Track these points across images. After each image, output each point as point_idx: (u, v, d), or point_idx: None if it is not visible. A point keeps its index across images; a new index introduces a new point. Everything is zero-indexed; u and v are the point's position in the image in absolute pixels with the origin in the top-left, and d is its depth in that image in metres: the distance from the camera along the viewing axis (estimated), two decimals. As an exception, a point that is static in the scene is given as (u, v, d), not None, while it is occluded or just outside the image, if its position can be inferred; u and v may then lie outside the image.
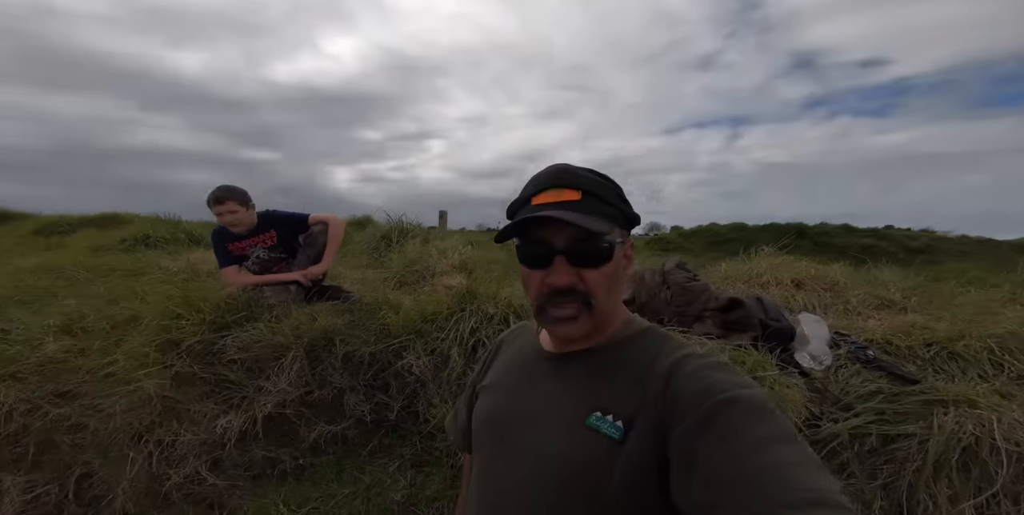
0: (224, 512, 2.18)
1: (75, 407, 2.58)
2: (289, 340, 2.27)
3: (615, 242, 0.60)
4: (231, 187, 2.36)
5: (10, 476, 2.72)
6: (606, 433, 0.56)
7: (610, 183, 0.64)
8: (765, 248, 3.03)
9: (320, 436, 2.16)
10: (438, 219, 5.23)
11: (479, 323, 2.19)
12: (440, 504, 1.79)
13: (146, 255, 3.95)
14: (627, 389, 0.58)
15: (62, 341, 2.55)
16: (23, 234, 6.31)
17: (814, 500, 0.42)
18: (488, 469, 0.69)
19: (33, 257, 3.77)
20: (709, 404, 0.50)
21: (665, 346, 0.61)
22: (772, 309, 2.24)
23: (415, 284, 2.95)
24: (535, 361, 0.70)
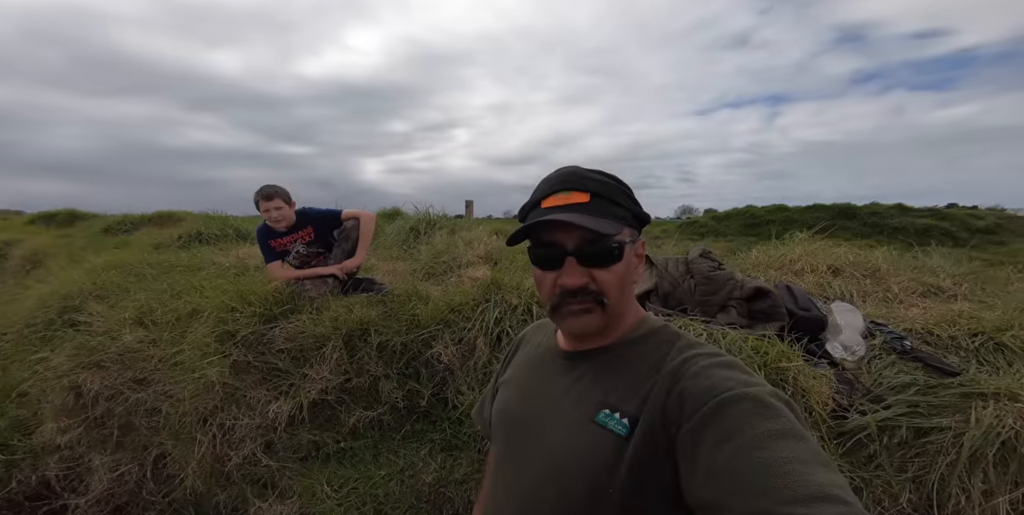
0: (276, 491, 2.35)
1: (150, 393, 2.84)
2: (329, 331, 2.41)
3: (624, 242, 0.61)
4: (273, 188, 2.50)
5: (99, 456, 3.05)
6: (613, 429, 0.57)
7: (619, 184, 0.64)
8: (800, 233, 2.86)
9: (359, 421, 2.29)
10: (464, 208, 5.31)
11: (503, 313, 2.23)
12: (468, 486, 1.86)
13: (200, 251, 4.23)
14: (635, 387, 0.59)
15: (136, 332, 2.82)
16: (92, 233, 6.89)
17: (817, 495, 0.41)
18: (503, 461, 0.71)
19: (104, 255, 4.13)
20: (713, 402, 0.50)
21: (675, 345, 0.61)
22: (802, 298, 2.15)
23: (442, 275, 3.02)
24: (550, 358, 0.71)
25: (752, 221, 14.60)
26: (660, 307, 2.20)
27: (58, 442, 3.10)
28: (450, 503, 1.83)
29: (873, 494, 1.28)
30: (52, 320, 3.21)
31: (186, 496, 2.77)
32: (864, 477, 1.32)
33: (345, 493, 2.04)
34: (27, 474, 3.16)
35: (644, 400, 0.57)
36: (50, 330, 3.18)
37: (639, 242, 0.65)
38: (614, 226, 0.60)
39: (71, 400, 3.06)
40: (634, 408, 0.57)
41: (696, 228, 14.05)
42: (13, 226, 9.69)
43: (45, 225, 8.99)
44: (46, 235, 7.42)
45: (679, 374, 0.56)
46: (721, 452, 0.47)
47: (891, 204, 14.13)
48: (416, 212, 4.67)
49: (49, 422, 3.13)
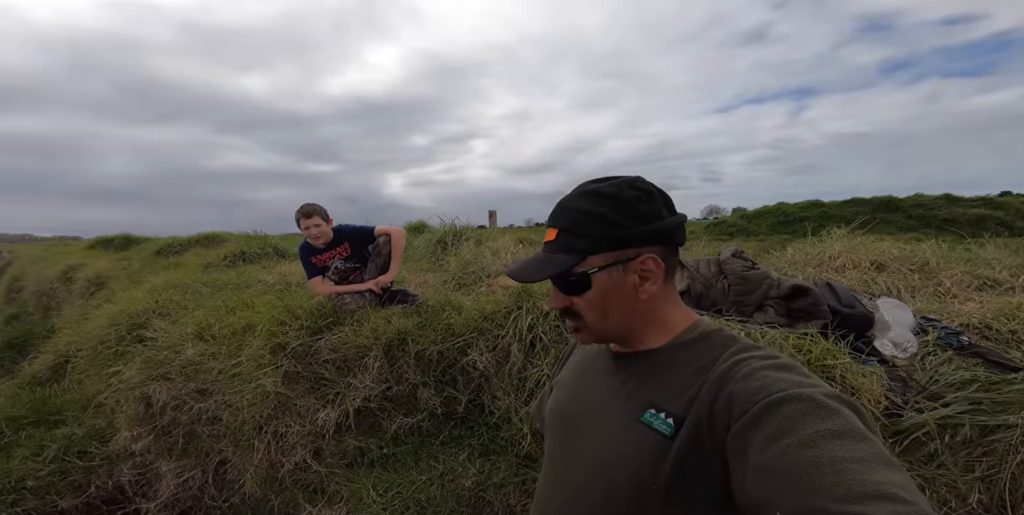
0: (325, 496, 2.41)
1: (211, 402, 2.99)
2: (370, 341, 2.47)
3: (587, 272, 0.62)
4: (311, 206, 2.63)
5: (166, 462, 3.22)
6: (658, 429, 0.57)
7: (601, 207, 0.62)
8: (837, 229, 2.71)
9: (400, 428, 2.32)
10: (488, 218, 5.36)
11: (536, 320, 2.23)
12: (506, 490, 1.85)
13: (246, 269, 4.45)
14: (682, 388, 0.58)
15: (197, 346, 2.99)
16: (147, 255, 7.28)
17: (873, 494, 0.39)
18: (554, 458, 0.72)
19: (161, 275, 4.40)
20: (764, 402, 0.49)
21: (729, 348, 0.60)
22: (845, 295, 2.03)
23: (472, 285, 3.06)
24: (602, 359, 0.72)
25: (784, 218, 13.84)
26: (693, 309, 2.14)
27: (132, 449, 3.30)
28: (489, 507, 1.82)
29: (937, 494, 1.17)
30: (122, 336, 3.46)
31: (244, 501, 2.88)
32: (925, 476, 1.22)
33: (389, 497, 2.06)
34: (104, 480, 3.37)
35: (691, 401, 0.56)
36: (121, 346, 3.42)
37: (641, 259, 0.62)
38: (568, 261, 0.62)
39: (142, 410, 3.26)
40: (680, 408, 0.56)
41: (725, 228, 13.45)
42: (75, 251, 10.47)
43: (104, 249, 9.58)
44: (106, 259, 7.88)
45: (729, 376, 0.55)
46: (770, 451, 0.45)
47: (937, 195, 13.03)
48: (441, 224, 4.76)
49: (124, 431, 3.34)
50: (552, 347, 2.11)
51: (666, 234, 0.63)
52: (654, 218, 0.62)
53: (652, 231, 0.62)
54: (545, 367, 2.06)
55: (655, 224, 0.62)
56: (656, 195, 0.64)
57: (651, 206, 0.62)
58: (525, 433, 1.95)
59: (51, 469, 3.34)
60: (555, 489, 0.69)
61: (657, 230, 0.62)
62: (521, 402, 2.05)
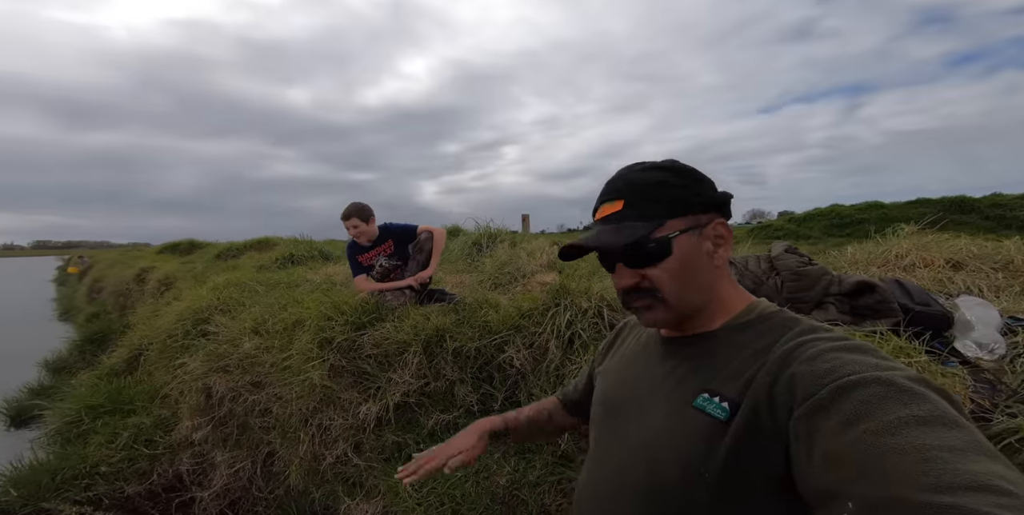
0: (364, 490, 2.42)
1: (263, 395, 3.11)
2: (409, 337, 2.50)
3: (668, 237, 0.59)
4: (356, 206, 2.71)
5: (220, 453, 3.36)
6: (711, 413, 0.54)
7: (666, 174, 0.61)
8: (904, 227, 2.46)
9: (436, 423, 2.31)
10: (520, 223, 5.36)
11: (574, 317, 2.17)
12: (541, 489, 1.77)
13: (295, 270, 4.71)
14: (738, 371, 0.55)
15: (254, 340, 3.14)
16: (208, 259, 7.87)
17: (973, 484, 0.34)
18: (598, 447, 0.70)
19: (221, 275, 4.76)
20: (835, 385, 0.44)
21: (792, 329, 0.56)
22: (917, 292, 1.83)
23: (508, 285, 3.04)
24: (652, 345, 0.70)
25: (839, 221, 12.87)
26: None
27: (192, 439, 3.48)
28: (524, 505, 1.75)
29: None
30: (188, 331, 3.70)
31: (287, 493, 2.95)
32: None
33: (424, 493, 2.04)
34: (165, 468, 3.56)
35: (747, 384, 0.53)
36: (187, 339, 3.66)
37: (713, 224, 0.61)
38: (646, 227, 0.59)
39: (202, 401, 3.44)
40: (735, 393, 0.53)
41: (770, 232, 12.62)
42: (147, 256, 11.58)
43: (171, 254, 10.58)
44: (173, 262, 8.78)
45: (791, 358, 0.51)
46: (843, 436, 0.41)
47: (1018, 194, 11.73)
48: (476, 227, 4.82)
49: (185, 421, 3.53)
50: (591, 344, 2.04)
51: (726, 203, 0.63)
52: (712, 189, 0.63)
53: (718, 198, 0.62)
54: (584, 364, 1.98)
55: (716, 192, 0.62)
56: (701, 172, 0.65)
57: (706, 178, 0.63)
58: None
59: (121, 456, 3.57)
60: (601, 476, 0.66)
61: (721, 198, 0.62)
62: (558, 399, 1.98)
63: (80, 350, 6.44)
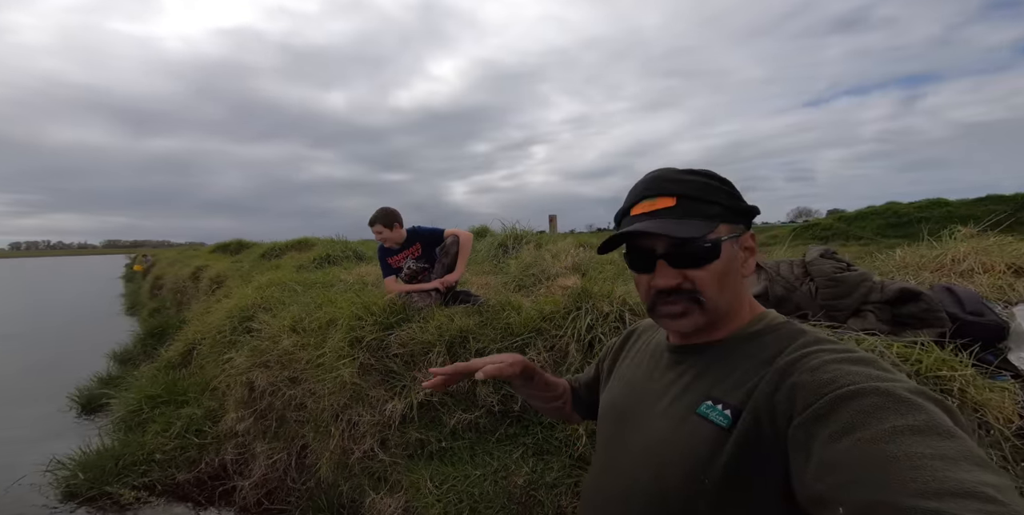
0: (387, 485, 2.49)
1: (299, 390, 3.27)
2: (434, 337, 2.56)
3: (719, 240, 0.59)
4: (381, 212, 2.81)
5: (260, 444, 3.55)
6: (714, 421, 0.55)
7: (711, 180, 0.62)
8: (962, 228, 2.25)
9: (458, 422, 2.35)
10: (548, 223, 5.35)
11: (595, 320, 2.16)
12: (558, 491, 1.77)
13: (331, 270, 4.93)
14: (742, 380, 0.56)
15: (292, 338, 3.32)
16: (254, 258, 8.30)
17: (959, 491, 0.34)
18: (604, 451, 0.71)
19: (265, 275, 5.05)
20: (834, 395, 0.45)
21: (797, 340, 0.56)
22: (970, 301, 1.70)
23: (532, 287, 3.05)
24: (660, 352, 0.71)
25: (896, 220, 11.82)
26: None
27: (236, 429, 3.70)
28: (540, 506, 1.75)
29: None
30: (235, 327, 3.96)
31: (318, 485, 3.07)
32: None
33: (444, 490, 2.08)
34: (212, 457, 3.79)
35: (750, 393, 0.53)
36: (234, 335, 3.92)
37: (746, 235, 0.63)
38: (703, 226, 0.58)
39: (246, 394, 3.66)
40: (738, 400, 0.54)
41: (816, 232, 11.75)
42: (201, 255, 12.35)
43: (223, 253, 11.23)
44: (224, 261, 9.33)
45: (794, 368, 0.51)
46: (838, 444, 0.42)
47: None
48: (503, 229, 4.85)
49: (231, 412, 3.77)
50: (611, 348, 2.03)
51: (753, 215, 0.64)
52: (743, 199, 0.63)
53: (751, 209, 0.63)
54: (603, 368, 1.98)
55: (747, 204, 0.63)
56: None
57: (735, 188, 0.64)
58: (580, 434, 1.87)
59: (174, 445, 3.83)
60: (606, 480, 0.67)
61: (752, 210, 0.63)
62: (577, 403, 1.98)
63: (143, 343, 7.01)
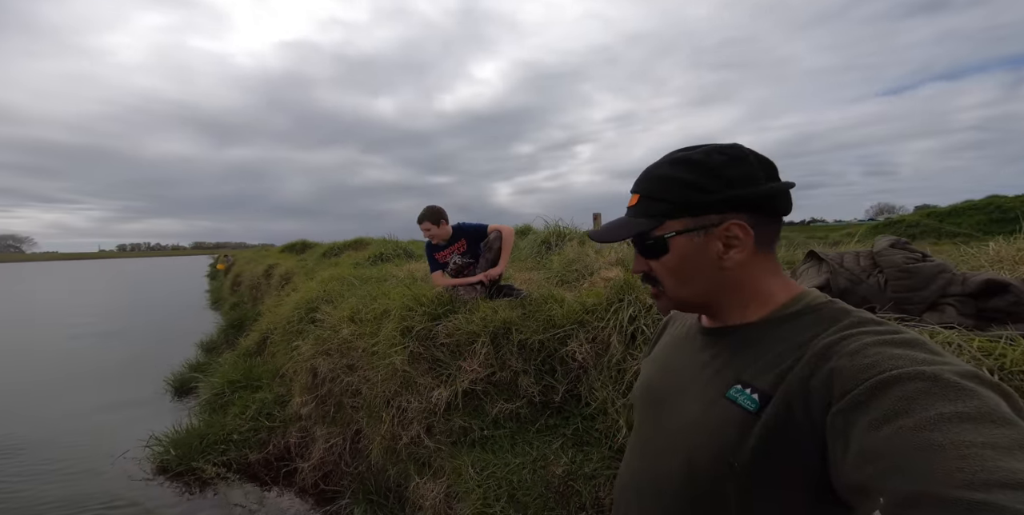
0: (431, 470, 2.59)
1: (356, 377, 3.49)
2: (479, 328, 2.64)
3: (663, 236, 0.62)
4: (428, 210, 2.95)
5: (320, 428, 3.82)
6: (742, 405, 0.54)
7: (685, 170, 0.60)
8: None
9: (500, 412, 2.40)
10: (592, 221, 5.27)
11: (638, 312, 2.13)
12: (597, 482, 1.75)
13: (384, 267, 5.31)
14: (774, 363, 0.54)
15: (350, 327, 3.56)
16: (316, 257, 9.18)
17: (1009, 482, 0.33)
18: (637, 435, 0.72)
19: (327, 271, 5.56)
20: (875, 380, 0.43)
21: (840, 322, 0.54)
22: (1076, 295, 1.48)
23: (575, 282, 3.05)
24: (693, 335, 0.71)
25: (999, 215, 10.40)
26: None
27: (300, 413, 4.01)
28: (578, 496, 1.75)
29: None
30: (301, 318, 4.30)
31: (369, 469, 3.25)
32: None
33: (485, 476, 2.13)
34: (279, 439, 4.13)
35: (781, 377, 0.52)
36: (300, 325, 4.26)
37: (727, 224, 0.59)
38: (646, 224, 0.62)
39: (309, 380, 3.96)
40: (767, 385, 0.53)
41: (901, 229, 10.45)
42: (272, 254, 13.74)
43: (290, 252, 12.46)
44: (291, 260, 10.35)
45: (832, 351, 0.49)
46: (879, 432, 0.40)
47: None
48: (546, 226, 4.87)
49: (296, 397, 4.09)
50: (654, 340, 1.99)
51: (758, 200, 0.59)
52: (745, 183, 0.59)
53: (740, 196, 0.59)
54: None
55: (745, 189, 0.59)
56: (750, 160, 0.60)
57: (743, 170, 0.59)
58: (621, 426, 1.84)
59: (249, 426, 4.23)
60: (638, 464, 0.69)
61: (746, 196, 0.59)
62: (619, 394, 1.95)
63: (225, 333, 7.87)
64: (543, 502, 1.84)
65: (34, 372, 7.20)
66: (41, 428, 4.98)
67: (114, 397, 5.90)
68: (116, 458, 4.16)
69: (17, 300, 20.19)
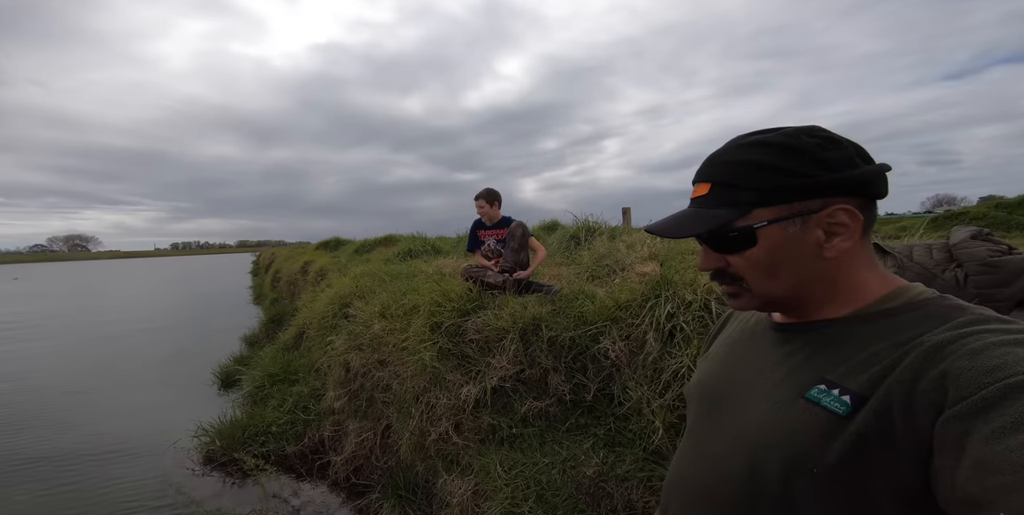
0: (459, 467, 2.59)
1: (386, 372, 3.56)
2: (508, 325, 2.62)
3: (751, 227, 0.55)
4: (488, 190, 3.29)
5: (352, 422, 3.92)
6: (828, 407, 0.49)
7: (768, 156, 0.55)
8: None
9: (529, 410, 2.37)
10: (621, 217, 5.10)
11: (676, 309, 2.04)
12: (629, 484, 1.69)
13: (413, 263, 5.42)
14: (867, 363, 0.49)
15: (381, 323, 3.63)
16: (349, 253, 9.59)
17: None
18: (692, 436, 0.68)
19: (359, 267, 5.73)
20: (1003, 384, 0.39)
21: (954, 319, 0.48)
22: None
23: (606, 277, 2.98)
24: (760, 331, 0.66)
25: None
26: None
27: (333, 407, 4.14)
28: (609, 498, 1.69)
29: None
30: (335, 313, 4.44)
31: (397, 464, 3.30)
32: None
33: (513, 475, 2.11)
34: (314, 432, 4.28)
35: (880, 379, 0.47)
36: (334, 320, 4.39)
37: (831, 209, 0.53)
38: (727, 215, 0.56)
39: (343, 374, 4.08)
40: (860, 386, 0.48)
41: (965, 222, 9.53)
42: (307, 252, 14.35)
43: (324, 250, 13.03)
44: (326, 256, 10.78)
45: (946, 351, 0.44)
46: (1005, 441, 0.37)
47: None
48: (574, 221, 4.81)
49: (330, 391, 4.22)
50: (695, 338, 1.89)
51: (863, 183, 0.54)
52: (845, 165, 0.54)
53: (843, 179, 0.53)
54: (685, 358, 1.84)
55: (846, 172, 0.53)
56: (843, 141, 0.56)
57: (840, 153, 0.54)
58: (656, 427, 1.77)
59: (286, 419, 4.40)
60: (693, 466, 0.64)
61: (850, 178, 0.53)
62: (655, 394, 1.87)
63: (266, 328, 8.28)
64: (573, 503, 1.79)
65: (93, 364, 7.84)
66: (100, 416, 5.39)
67: (167, 388, 6.33)
68: (168, 447, 4.43)
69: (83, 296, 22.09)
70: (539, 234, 5.62)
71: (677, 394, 1.78)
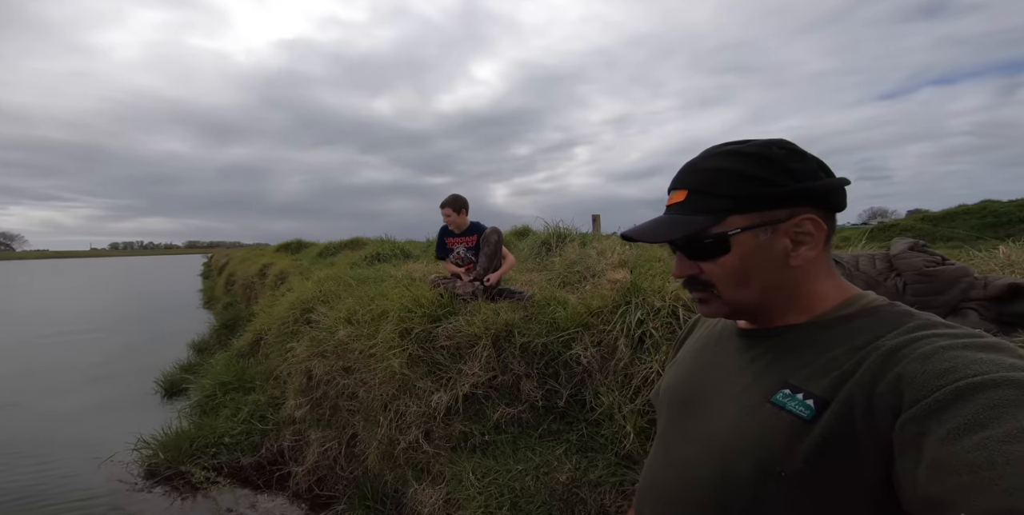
0: (430, 476, 2.57)
1: (352, 379, 3.45)
2: (480, 331, 2.62)
3: (728, 234, 0.57)
4: (453, 197, 3.20)
5: (315, 431, 3.78)
6: (792, 410, 0.51)
7: (745, 162, 0.58)
8: None
9: (502, 417, 2.37)
10: (591, 223, 5.24)
11: (645, 315, 2.11)
12: (602, 490, 1.73)
13: (381, 267, 5.31)
14: (827, 368, 0.51)
15: (347, 329, 3.53)
16: (312, 256, 9.25)
17: None
18: (662, 442, 0.69)
19: (323, 271, 5.57)
20: (954, 386, 0.41)
21: (904, 324, 0.51)
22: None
23: (577, 283, 3.05)
24: (726, 337, 0.68)
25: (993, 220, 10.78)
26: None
27: (294, 416, 3.98)
28: (583, 504, 1.72)
29: None
30: (296, 319, 4.28)
31: (365, 474, 3.22)
32: None
33: (486, 483, 2.11)
34: (272, 442, 4.09)
35: (840, 382, 0.49)
36: (295, 326, 4.23)
37: (797, 218, 0.56)
38: (704, 222, 0.57)
39: (304, 382, 3.93)
40: (822, 390, 0.50)
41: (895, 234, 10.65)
42: (267, 254, 13.79)
43: (285, 252, 12.53)
44: (287, 259, 10.40)
45: (900, 355, 0.47)
46: (960, 443, 0.38)
47: None
48: (545, 227, 4.90)
49: (290, 400, 4.06)
50: (663, 343, 1.96)
51: (825, 195, 0.57)
52: (810, 177, 0.56)
53: (809, 189, 0.56)
54: (655, 364, 1.91)
55: (812, 183, 0.56)
56: (807, 154, 0.59)
57: (805, 164, 0.57)
58: (628, 432, 1.82)
59: (240, 429, 4.18)
60: (665, 471, 0.65)
61: (815, 189, 0.56)
62: (626, 399, 1.93)
63: (218, 334, 7.84)
64: (547, 510, 1.81)
65: (16, 372, 7.16)
66: (23, 429, 4.93)
67: (102, 398, 5.85)
68: (103, 461, 4.11)
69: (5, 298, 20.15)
70: (511, 240, 5.64)
71: (647, 399, 1.85)
